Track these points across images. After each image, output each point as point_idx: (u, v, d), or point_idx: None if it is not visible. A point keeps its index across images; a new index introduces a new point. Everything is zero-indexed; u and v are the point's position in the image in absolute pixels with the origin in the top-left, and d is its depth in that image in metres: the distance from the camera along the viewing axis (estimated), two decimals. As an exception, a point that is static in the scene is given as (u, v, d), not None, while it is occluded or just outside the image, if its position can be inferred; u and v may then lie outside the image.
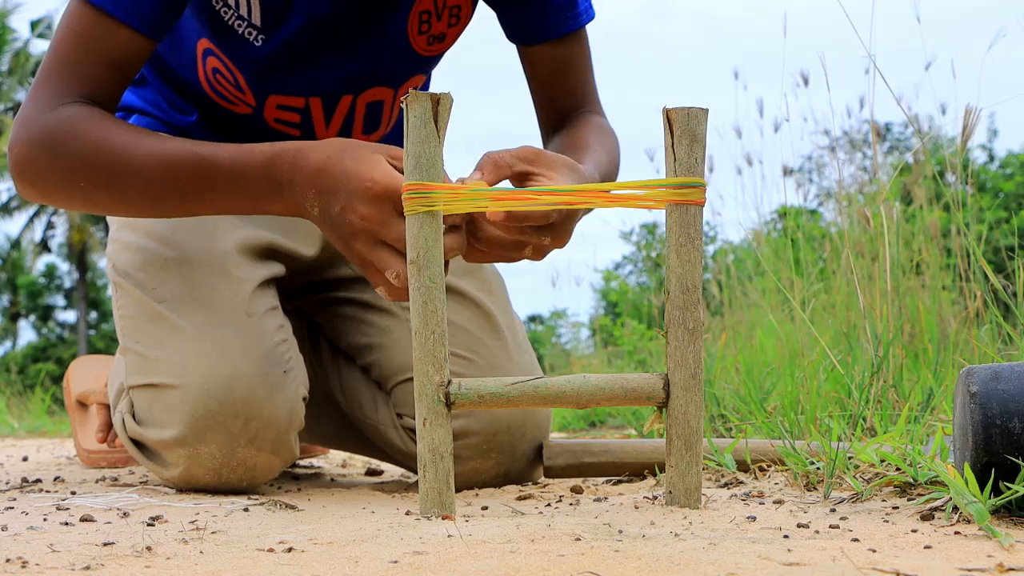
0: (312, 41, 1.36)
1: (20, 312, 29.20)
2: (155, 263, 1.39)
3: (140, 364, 1.35)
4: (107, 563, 0.78)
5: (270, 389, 1.31)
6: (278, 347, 1.35)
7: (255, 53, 1.36)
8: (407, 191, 1.00)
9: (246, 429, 1.30)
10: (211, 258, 1.38)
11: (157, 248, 1.40)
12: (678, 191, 1.00)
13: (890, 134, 17.87)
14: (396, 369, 1.48)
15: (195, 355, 1.31)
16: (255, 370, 1.31)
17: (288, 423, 1.33)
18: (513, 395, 1.01)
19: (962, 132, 1.60)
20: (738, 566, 0.71)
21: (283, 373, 1.33)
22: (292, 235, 1.47)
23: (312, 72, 1.39)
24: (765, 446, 1.34)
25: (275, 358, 1.34)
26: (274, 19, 1.33)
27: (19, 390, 6.81)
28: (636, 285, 12.44)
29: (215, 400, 1.29)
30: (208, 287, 1.36)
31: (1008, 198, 12.14)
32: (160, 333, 1.34)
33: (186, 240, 1.39)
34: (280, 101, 1.41)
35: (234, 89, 1.40)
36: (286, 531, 0.95)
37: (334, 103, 1.43)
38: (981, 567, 0.71)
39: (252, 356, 1.32)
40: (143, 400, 1.34)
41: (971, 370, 0.93)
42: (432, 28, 1.41)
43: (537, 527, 0.88)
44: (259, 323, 1.35)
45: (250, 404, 1.30)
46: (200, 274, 1.37)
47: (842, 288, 2.40)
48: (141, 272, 1.39)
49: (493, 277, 1.55)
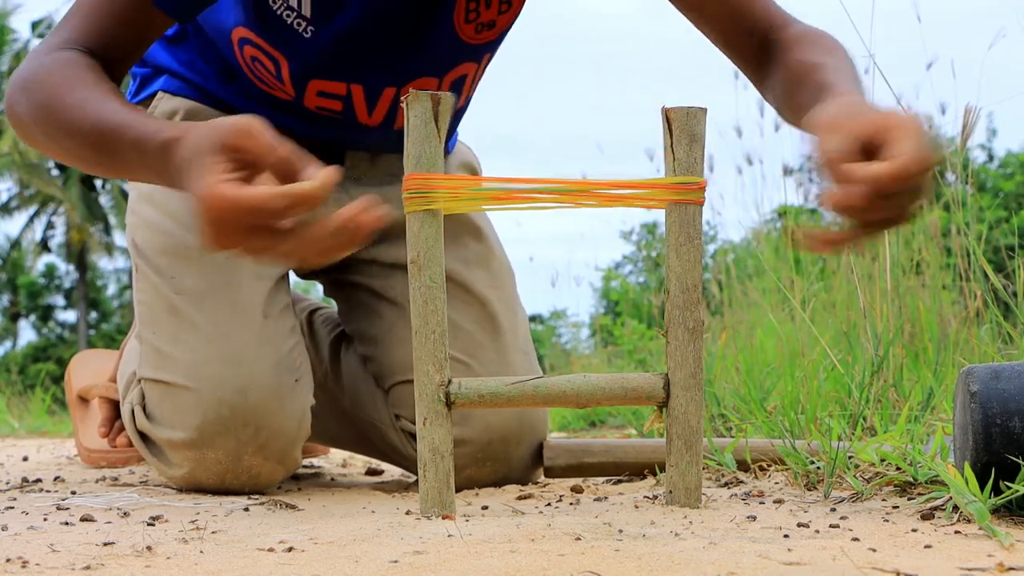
0: (363, 34, 1.33)
1: (20, 312, 29.20)
2: (176, 250, 1.37)
3: (154, 357, 1.34)
4: (107, 563, 0.78)
5: (282, 399, 1.31)
6: (291, 353, 1.35)
7: (303, 44, 1.33)
8: (407, 190, 1.00)
9: (255, 438, 1.30)
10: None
11: (177, 231, 1.38)
12: (677, 191, 1.00)
13: (890, 134, 17.82)
14: (394, 368, 1.48)
15: (210, 358, 1.31)
16: (269, 379, 1.31)
17: (296, 434, 1.33)
18: (513, 395, 1.01)
19: (962, 132, 1.60)
20: (738, 565, 0.71)
21: (295, 382, 1.33)
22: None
23: (359, 62, 1.36)
24: (765, 446, 1.34)
25: (288, 365, 1.33)
26: (327, 11, 1.31)
27: (19, 390, 6.81)
28: (636, 285, 12.44)
29: (227, 407, 1.29)
30: (227, 284, 1.35)
31: (1008, 197, 12.14)
32: (177, 327, 1.34)
33: None
34: (321, 87, 1.38)
35: (274, 79, 1.38)
36: (286, 531, 0.95)
37: (377, 93, 1.40)
38: (981, 566, 0.71)
39: (266, 364, 1.31)
40: (155, 395, 1.34)
41: (971, 369, 0.93)
42: (481, 16, 1.37)
43: (537, 527, 0.88)
44: (275, 326, 1.34)
45: (261, 414, 1.30)
46: (220, 268, 1.35)
47: (842, 287, 2.40)
48: (162, 258, 1.38)
49: (504, 271, 1.53)
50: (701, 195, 1.01)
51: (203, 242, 0.97)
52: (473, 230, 1.52)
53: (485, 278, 1.49)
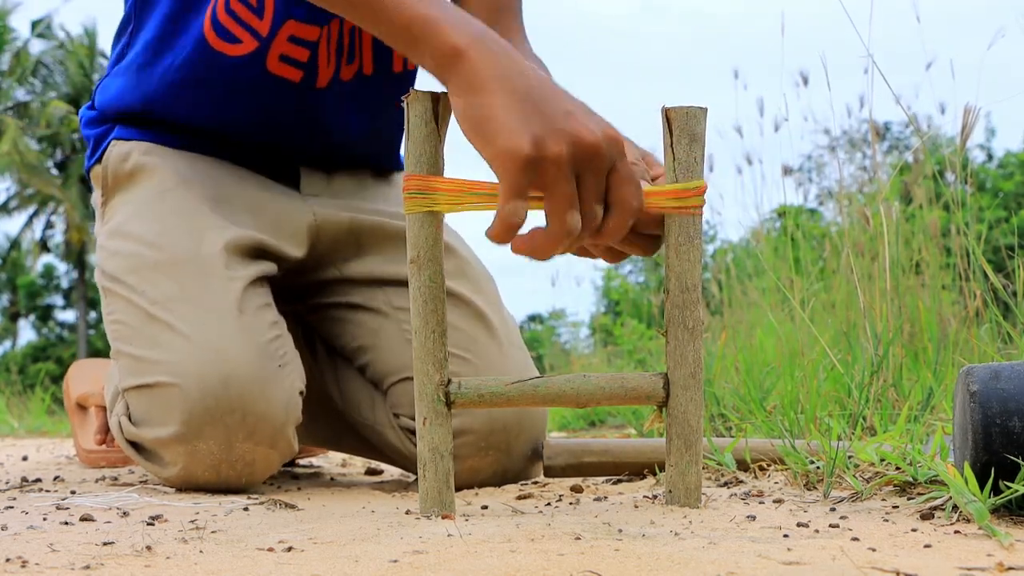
0: None
1: (20, 312, 29.21)
2: (145, 266, 1.39)
3: (134, 366, 1.35)
4: (107, 563, 0.78)
5: (265, 383, 1.32)
6: (272, 343, 1.35)
7: None
8: (407, 190, 1.00)
9: (244, 424, 1.30)
10: (200, 259, 1.38)
11: (146, 252, 1.40)
12: (677, 200, 1.00)
13: (889, 133, 17.88)
14: (391, 369, 1.49)
15: (190, 353, 1.31)
16: (250, 366, 1.31)
17: (285, 417, 1.33)
18: (513, 394, 1.01)
19: (961, 131, 1.60)
20: (738, 565, 0.71)
21: (278, 367, 1.34)
22: (279, 236, 1.47)
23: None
24: (765, 445, 1.34)
25: (270, 353, 1.34)
26: None
27: (19, 390, 6.82)
28: (636, 284, 12.44)
29: (211, 397, 1.30)
30: (199, 286, 1.36)
31: (1007, 197, 12.15)
32: (153, 333, 1.35)
33: (174, 243, 1.40)
34: (294, 30, 1.39)
35: (249, 14, 1.38)
36: (286, 530, 0.95)
37: (342, 36, 1.40)
38: (981, 566, 0.70)
39: (247, 352, 1.32)
40: (139, 401, 1.35)
41: (971, 369, 0.93)
42: None
43: (537, 526, 0.88)
44: (252, 319, 1.35)
45: (246, 399, 1.30)
46: (190, 275, 1.37)
47: (842, 287, 2.40)
48: (132, 276, 1.39)
49: (483, 277, 1.55)
50: (702, 199, 1.01)
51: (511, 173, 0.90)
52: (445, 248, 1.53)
53: (467, 285, 1.51)
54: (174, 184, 1.45)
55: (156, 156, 1.47)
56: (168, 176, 1.46)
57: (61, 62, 28.89)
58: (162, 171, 1.46)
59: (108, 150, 1.50)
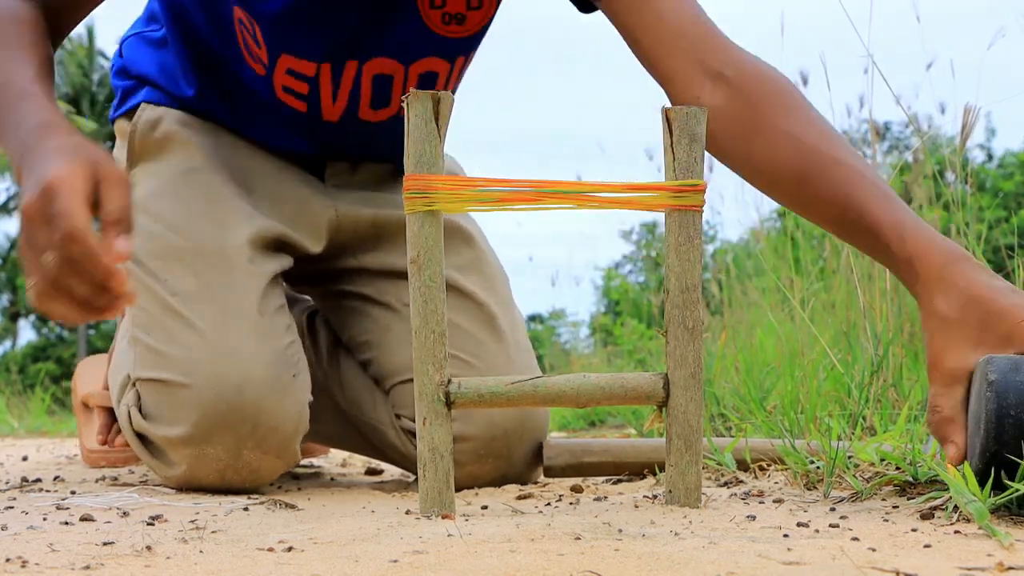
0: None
1: (20, 312, 29.20)
2: (167, 253, 1.38)
3: (150, 358, 1.34)
4: (107, 563, 0.78)
5: (280, 393, 1.31)
6: (288, 349, 1.35)
7: (270, 6, 1.34)
8: (408, 190, 1.00)
9: (254, 433, 1.30)
10: (224, 251, 1.37)
11: (168, 236, 1.39)
12: (678, 193, 1.00)
13: (889, 133, 17.87)
14: (394, 369, 1.48)
15: (206, 354, 1.31)
16: (266, 374, 1.31)
17: (295, 428, 1.33)
18: (513, 394, 1.01)
19: (961, 131, 1.60)
20: (738, 565, 0.71)
21: (292, 377, 1.34)
22: (299, 229, 1.46)
23: (321, 28, 1.36)
24: (765, 445, 1.34)
25: (285, 360, 1.34)
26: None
27: (19, 390, 6.81)
28: (636, 284, 12.44)
29: (224, 402, 1.29)
30: (221, 283, 1.35)
31: (1007, 197, 12.15)
32: (172, 327, 1.34)
33: (198, 229, 1.39)
34: (291, 64, 1.39)
35: (252, 42, 1.38)
36: (286, 530, 0.95)
37: (341, 70, 1.39)
38: (981, 566, 0.71)
39: (263, 359, 1.31)
40: (151, 394, 1.34)
41: (991, 359, 0.93)
42: (447, 5, 1.37)
43: (537, 526, 0.88)
44: (270, 323, 1.35)
45: (259, 408, 1.30)
46: (213, 268, 1.36)
47: (842, 287, 2.39)
48: (154, 261, 1.38)
49: (497, 274, 1.54)
50: (701, 199, 1.01)
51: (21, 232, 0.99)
52: (465, 237, 1.53)
53: (479, 282, 1.50)
54: (200, 162, 1.44)
55: (185, 128, 1.46)
56: (195, 153, 1.45)
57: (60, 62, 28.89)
58: (190, 147, 1.45)
59: (138, 112, 1.48)
